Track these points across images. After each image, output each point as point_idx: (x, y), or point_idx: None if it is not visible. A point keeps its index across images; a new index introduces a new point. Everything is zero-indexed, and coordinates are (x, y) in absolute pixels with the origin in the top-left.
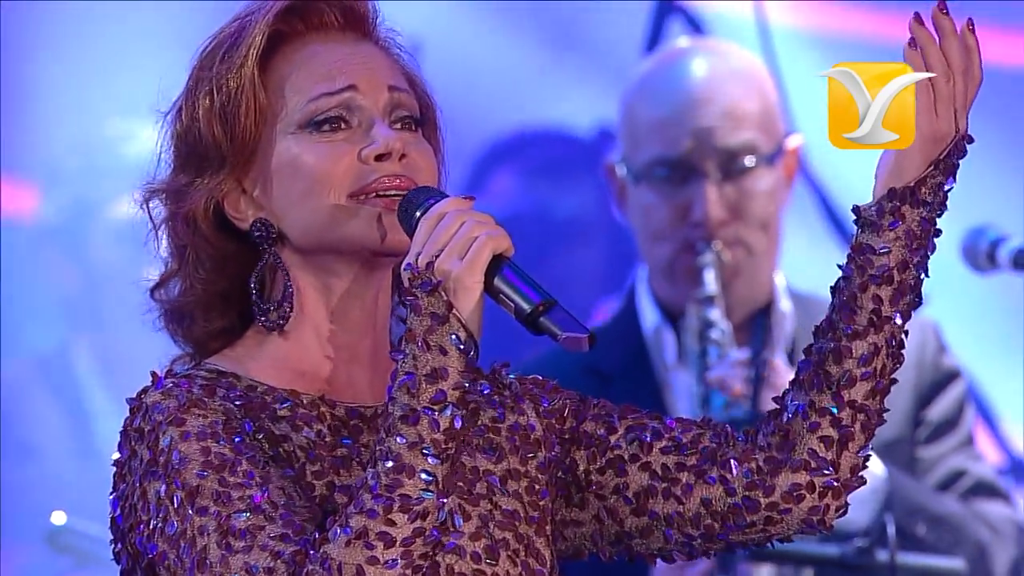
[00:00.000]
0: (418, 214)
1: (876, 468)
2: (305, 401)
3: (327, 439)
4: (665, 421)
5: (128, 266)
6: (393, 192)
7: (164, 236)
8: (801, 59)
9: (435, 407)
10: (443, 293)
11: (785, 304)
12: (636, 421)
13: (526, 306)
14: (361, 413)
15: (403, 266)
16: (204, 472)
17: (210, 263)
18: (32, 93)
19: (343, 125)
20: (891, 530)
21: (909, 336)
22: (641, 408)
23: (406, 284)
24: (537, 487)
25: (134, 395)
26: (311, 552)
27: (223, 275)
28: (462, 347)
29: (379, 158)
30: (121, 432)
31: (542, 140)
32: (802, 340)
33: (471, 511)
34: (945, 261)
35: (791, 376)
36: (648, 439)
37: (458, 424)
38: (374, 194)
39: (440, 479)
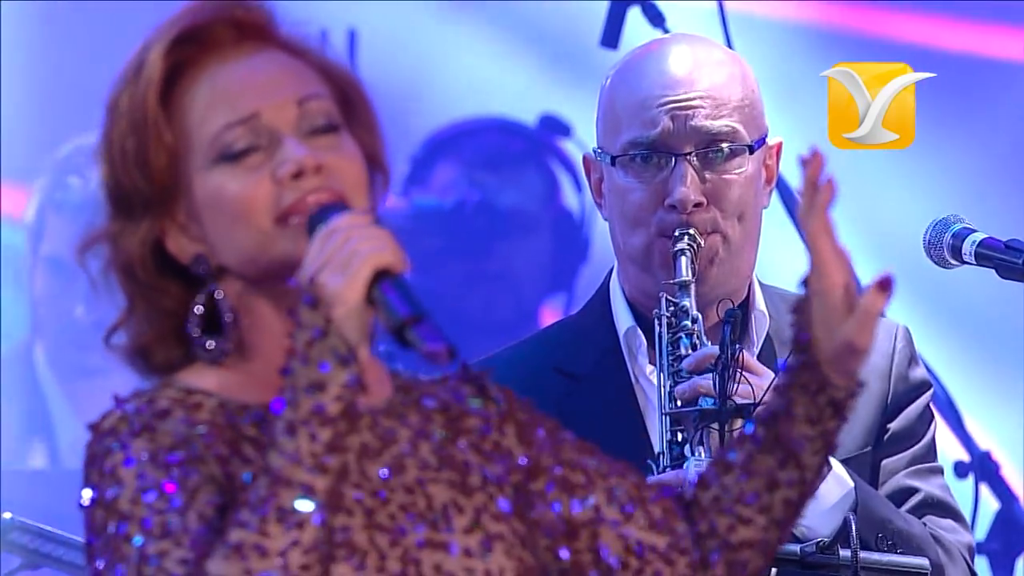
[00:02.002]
0: (320, 228)
1: (844, 477)
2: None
3: None
4: (633, 482)
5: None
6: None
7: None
8: (763, 51)
9: (313, 419)
10: (323, 308)
11: (762, 306)
12: (611, 482)
13: (394, 320)
14: None
15: (289, 281)
16: (134, 498)
17: (155, 305)
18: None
19: (254, 150)
20: (854, 528)
21: (877, 342)
22: (609, 457)
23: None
24: (518, 504)
25: (97, 419)
26: (199, 571)
27: (171, 313)
28: (341, 360)
29: (295, 177)
30: (84, 449)
31: (485, 131)
32: (774, 341)
33: (465, 504)
34: (909, 255)
35: (759, 376)
36: (627, 508)
37: (339, 439)
38: (296, 215)
39: (318, 491)
